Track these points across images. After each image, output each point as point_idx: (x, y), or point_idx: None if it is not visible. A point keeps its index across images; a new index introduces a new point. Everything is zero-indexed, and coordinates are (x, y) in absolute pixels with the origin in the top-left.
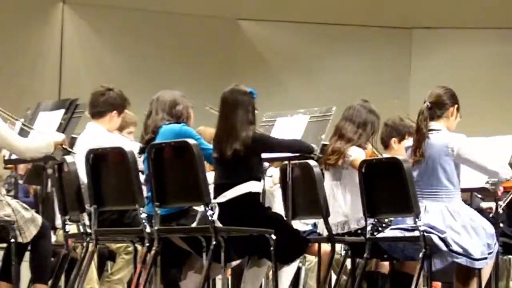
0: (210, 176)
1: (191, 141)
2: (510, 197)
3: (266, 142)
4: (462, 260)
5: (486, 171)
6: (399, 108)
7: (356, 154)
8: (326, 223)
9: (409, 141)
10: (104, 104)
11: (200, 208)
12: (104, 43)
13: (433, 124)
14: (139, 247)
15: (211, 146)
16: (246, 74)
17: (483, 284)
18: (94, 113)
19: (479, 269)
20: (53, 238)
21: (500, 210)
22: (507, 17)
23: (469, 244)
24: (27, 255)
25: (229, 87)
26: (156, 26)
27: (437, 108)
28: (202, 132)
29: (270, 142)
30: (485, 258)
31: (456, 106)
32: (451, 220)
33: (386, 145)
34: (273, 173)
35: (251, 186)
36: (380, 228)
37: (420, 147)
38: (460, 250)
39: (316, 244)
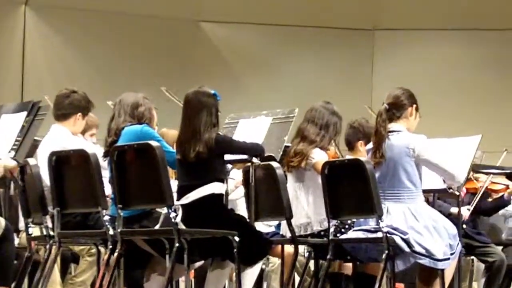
0: (174, 183)
1: (154, 143)
2: (476, 201)
3: (229, 144)
4: (424, 261)
5: (445, 173)
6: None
7: (319, 157)
8: (289, 224)
9: (370, 144)
10: (69, 107)
11: (163, 210)
12: (66, 45)
13: (393, 126)
14: (102, 249)
15: (171, 148)
16: (208, 76)
17: (446, 285)
18: (58, 115)
19: (442, 270)
20: (16, 241)
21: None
22: (467, 19)
23: (431, 245)
24: None
25: (192, 89)
26: (118, 28)
27: (395, 109)
28: (165, 134)
29: (233, 145)
30: (448, 259)
31: (414, 106)
32: (413, 221)
33: (352, 147)
34: (235, 175)
35: (214, 188)
36: (343, 230)
37: (380, 149)
38: (423, 251)
39: (279, 246)
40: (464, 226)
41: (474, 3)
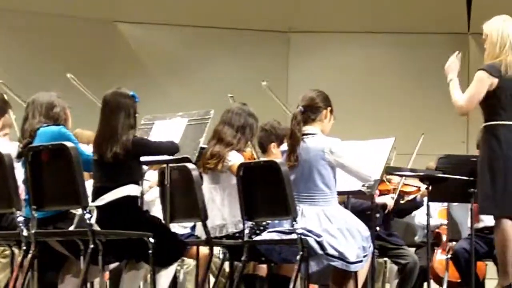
0: (89, 184)
1: (69, 144)
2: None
3: (146, 146)
4: (337, 264)
5: (359, 175)
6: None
7: (235, 159)
8: (205, 226)
9: (284, 146)
10: None
11: (78, 212)
12: None
13: (307, 128)
14: (16, 250)
15: (86, 152)
16: (124, 77)
17: (359, 286)
18: None
19: (355, 272)
20: None
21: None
22: (383, 22)
23: (344, 248)
24: None
25: (110, 90)
26: (31, 27)
27: (310, 111)
28: (79, 135)
29: (150, 146)
30: (360, 261)
31: (329, 108)
32: (328, 224)
33: (265, 149)
34: (151, 176)
35: (130, 190)
36: (258, 231)
37: (295, 152)
38: (336, 254)
39: (194, 247)
40: (378, 228)
41: (391, 7)
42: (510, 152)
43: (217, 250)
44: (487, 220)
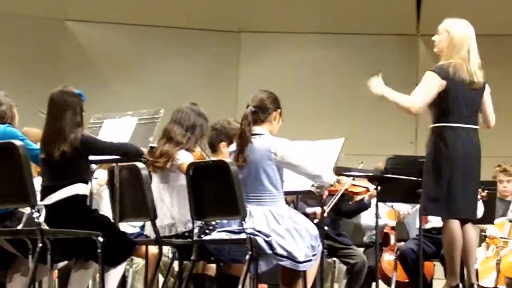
0: (37, 180)
1: (17, 142)
2: (334, 202)
3: (94, 144)
4: (286, 263)
5: (309, 175)
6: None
7: (185, 158)
8: (154, 225)
9: (233, 146)
10: None
11: (26, 210)
12: None
13: (256, 129)
14: None
15: (35, 145)
16: (74, 76)
17: (308, 286)
18: None
19: (304, 271)
20: None
21: (326, 214)
22: (332, 23)
23: (293, 247)
24: None
25: (57, 89)
26: None
27: (260, 112)
28: (27, 133)
29: (99, 145)
30: (309, 261)
31: (279, 110)
32: (275, 224)
33: (215, 149)
34: (100, 175)
35: (78, 189)
36: (207, 231)
37: (243, 152)
38: (285, 253)
39: (144, 246)
40: (326, 228)
41: (341, 8)
42: (456, 154)
43: (166, 249)
44: (435, 221)
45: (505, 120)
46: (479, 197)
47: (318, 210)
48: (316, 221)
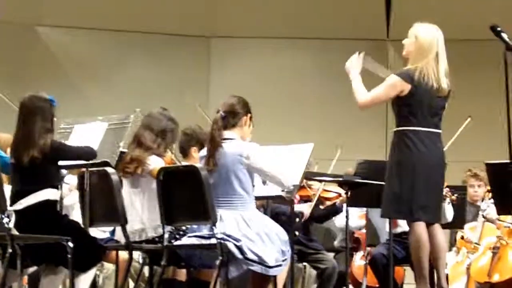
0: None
1: None
2: (312, 206)
3: (64, 150)
4: (256, 268)
5: (276, 181)
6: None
7: (155, 163)
8: (124, 230)
9: (203, 151)
10: None
11: None
12: None
13: (226, 133)
14: None
15: (4, 153)
16: (44, 81)
17: None
18: None
19: (274, 276)
20: None
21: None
22: (301, 28)
23: (263, 252)
24: None
25: (28, 94)
26: None
27: (230, 117)
28: None
29: (68, 151)
30: (280, 265)
31: (249, 115)
32: (246, 228)
33: (186, 154)
34: (70, 180)
35: (48, 194)
36: (177, 236)
37: (214, 156)
38: (255, 258)
39: (114, 252)
40: (297, 232)
41: (311, 13)
42: (419, 158)
43: (136, 254)
44: (405, 225)
45: (474, 125)
46: (449, 200)
47: (305, 209)
48: (303, 220)
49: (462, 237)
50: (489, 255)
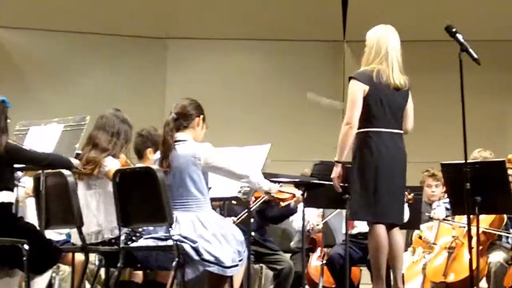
0: None
1: None
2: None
3: (20, 153)
4: (213, 269)
5: (235, 175)
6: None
7: (112, 165)
8: (80, 232)
9: (158, 153)
10: None
11: None
12: None
13: (179, 135)
14: None
15: None
16: (0, 83)
17: None
18: None
19: (231, 277)
20: None
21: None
22: (258, 29)
23: (220, 253)
24: None
25: None
26: None
27: (183, 119)
28: None
29: (25, 155)
30: (236, 266)
31: (201, 116)
32: (202, 230)
33: (141, 155)
34: (27, 182)
35: (3, 196)
36: (134, 238)
37: (167, 158)
38: (212, 259)
39: (70, 254)
40: (253, 233)
41: (267, 14)
42: (381, 159)
43: (93, 256)
44: (361, 226)
45: (430, 126)
46: (405, 201)
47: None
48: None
49: (420, 237)
50: (444, 255)
